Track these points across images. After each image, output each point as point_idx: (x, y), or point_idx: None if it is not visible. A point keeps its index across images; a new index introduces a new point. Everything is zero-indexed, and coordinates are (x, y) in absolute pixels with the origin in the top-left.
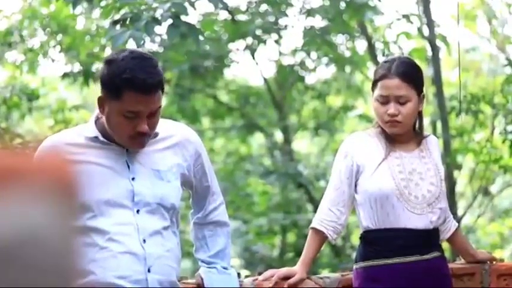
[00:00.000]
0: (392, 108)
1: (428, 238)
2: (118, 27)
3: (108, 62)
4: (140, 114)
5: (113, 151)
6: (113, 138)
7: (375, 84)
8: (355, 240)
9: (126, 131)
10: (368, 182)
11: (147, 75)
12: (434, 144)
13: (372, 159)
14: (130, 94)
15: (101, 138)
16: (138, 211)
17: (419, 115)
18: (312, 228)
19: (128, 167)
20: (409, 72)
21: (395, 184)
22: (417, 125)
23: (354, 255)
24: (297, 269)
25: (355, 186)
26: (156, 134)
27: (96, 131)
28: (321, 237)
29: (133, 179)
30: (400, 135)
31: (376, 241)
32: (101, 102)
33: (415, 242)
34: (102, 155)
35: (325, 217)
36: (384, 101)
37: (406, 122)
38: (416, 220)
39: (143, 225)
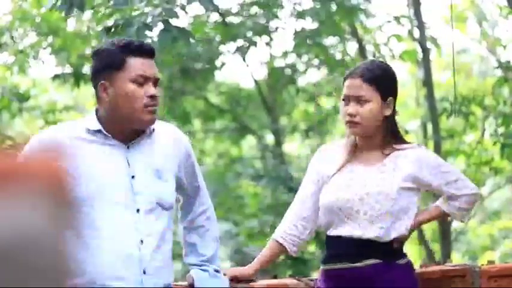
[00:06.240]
0: (350, 108)
1: (362, 247)
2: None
3: (97, 51)
4: (148, 78)
5: (113, 148)
6: (114, 132)
7: (343, 84)
8: None
9: (139, 99)
10: (322, 193)
11: (142, 42)
12: (410, 159)
13: (331, 171)
14: (133, 59)
15: (104, 132)
16: (138, 210)
17: (391, 122)
18: (273, 239)
19: (128, 164)
20: (373, 74)
21: (336, 198)
22: (387, 133)
23: None
24: (248, 269)
25: None
26: (152, 130)
27: (98, 124)
28: (281, 249)
29: (133, 177)
30: (365, 143)
31: (326, 246)
32: (103, 88)
33: (347, 250)
34: (103, 152)
35: (288, 231)
36: (346, 100)
37: (365, 123)
38: (353, 231)
39: (142, 225)
